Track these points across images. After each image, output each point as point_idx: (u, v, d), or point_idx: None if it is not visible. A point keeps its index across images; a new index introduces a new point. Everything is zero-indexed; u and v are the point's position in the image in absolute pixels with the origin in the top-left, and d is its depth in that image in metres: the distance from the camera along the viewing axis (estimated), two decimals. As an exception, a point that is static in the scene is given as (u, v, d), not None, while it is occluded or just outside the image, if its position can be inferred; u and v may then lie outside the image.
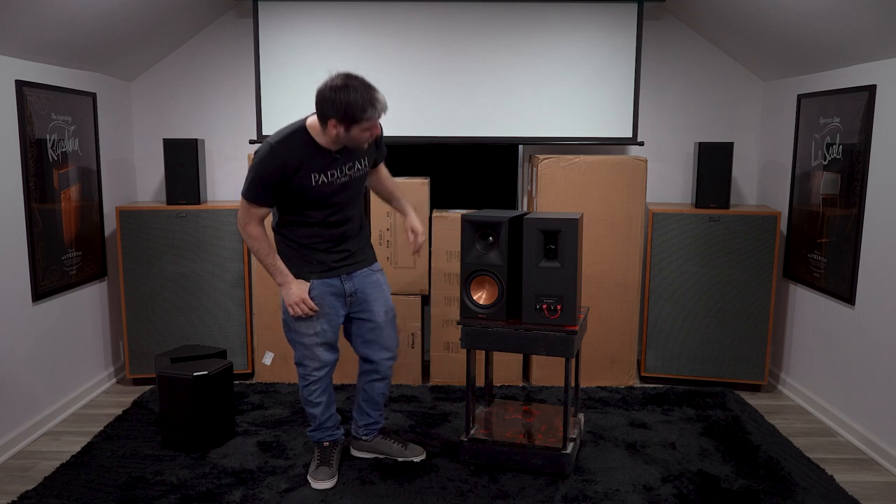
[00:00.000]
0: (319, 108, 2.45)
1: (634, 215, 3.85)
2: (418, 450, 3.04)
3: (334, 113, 2.41)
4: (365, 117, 2.42)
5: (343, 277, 2.74)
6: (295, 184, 2.54)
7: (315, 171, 2.55)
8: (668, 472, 2.93)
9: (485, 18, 3.99)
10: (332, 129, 2.45)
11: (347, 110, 2.39)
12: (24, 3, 2.83)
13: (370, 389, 2.94)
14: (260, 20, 3.97)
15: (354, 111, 2.40)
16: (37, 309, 3.32)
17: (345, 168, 2.62)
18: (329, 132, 2.47)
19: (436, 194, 4.41)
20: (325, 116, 2.44)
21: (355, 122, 2.43)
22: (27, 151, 3.20)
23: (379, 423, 3.03)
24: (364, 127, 2.46)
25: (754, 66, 4.20)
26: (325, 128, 2.48)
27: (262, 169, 2.51)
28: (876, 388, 3.17)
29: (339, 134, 2.45)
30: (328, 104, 2.41)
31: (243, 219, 2.61)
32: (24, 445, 3.20)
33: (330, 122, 2.43)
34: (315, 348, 2.75)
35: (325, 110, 2.43)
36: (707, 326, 3.91)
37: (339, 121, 2.42)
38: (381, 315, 2.83)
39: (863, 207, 3.25)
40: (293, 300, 2.65)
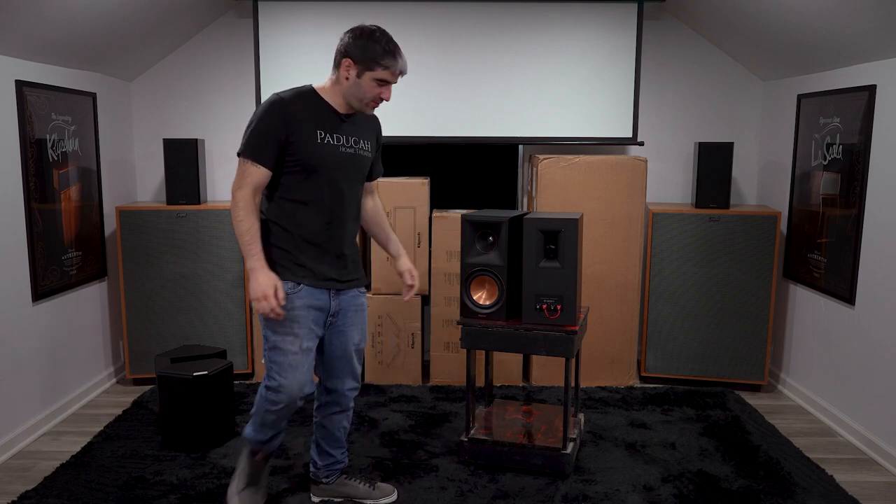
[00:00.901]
0: (339, 49, 2.31)
1: (634, 215, 3.85)
2: (388, 489, 2.71)
3: (353, 51, 2.26)
4: (383, 64, 2.27)
5: (332, 293, 2.43)
6: (299, 139, 2.28)
7: (321, 128, 2.32)
8: (668, 472, 2.93)
9: (485, 18, 3.99)
10: (344, 70, 2.29)
11: (367, 51, 2.26)
12: (24, 3, 2.83)
13: (330, 424, 2.60)
14: (260, 20, 3.97)
15: (375, 54, 2.26)
16: (37, 309, 3.32)
17: (350, 139, 2.40)
18: (341, 75, 2.30)
19: (436, 194, 4.41)
20: (342, 56, 2.29)
21: (370, 68, 2.27)
22: (27, 151, 3.20)
23: (342, 463, 2.68)
24: (378, 76, 2.29)
25: (754, 66, 4.20)
26: (336, 71, 2.32)
27: (267, 117, 2.27)
28: (876, 388, 3.17)
29: (349, 79, 2.29)
30: (349, 42, 2.27)
31: (237, 183, 2.29)
32: (24, 445, 3.20)
33: (345, 62, 2.28)
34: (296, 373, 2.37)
35: (343, 49, 2.29)
36: (707, 326, 3.92)
37: (356, 62, 2.27)
38: (355, 343, 2.55)
39: (863, 207, 3.25)
40: (260, 292, 2.23)
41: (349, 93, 2.33)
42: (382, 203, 3.94)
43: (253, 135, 2.27)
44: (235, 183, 2.29)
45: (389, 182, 3.88)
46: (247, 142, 2.28)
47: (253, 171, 2.28)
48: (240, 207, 2.27)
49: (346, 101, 2.36)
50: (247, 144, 2.28)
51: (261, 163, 2.27)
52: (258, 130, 2.27)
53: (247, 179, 2.28)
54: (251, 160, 2.28)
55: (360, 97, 2.34)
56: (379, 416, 3.49)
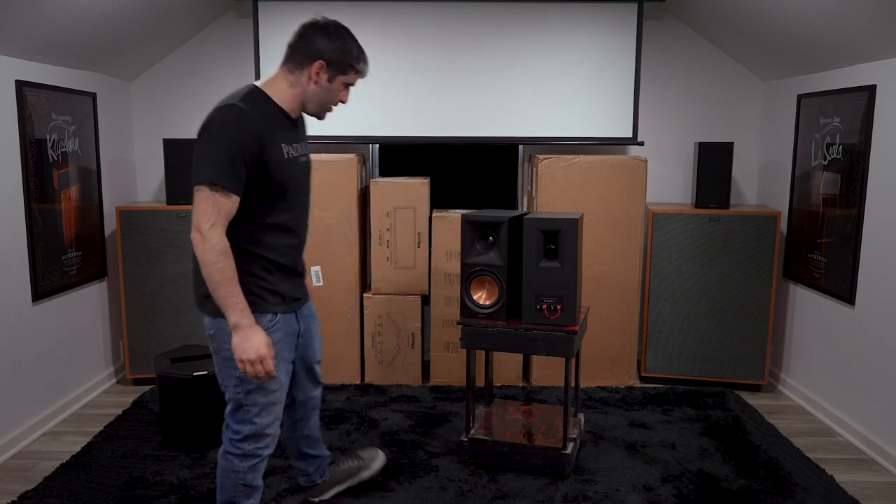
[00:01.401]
0: (304, 47, 2.04)
1: (634, 215, 3.85)
2: (373, 452, 2.73)
3: (328, 53, 2.03)
4: (357, 68, 2.09)
5: (298, 313, 2.23)
6: (271, 158, 1.99)
7: (284, 142, 2.06)
8: (668, 472, 2.93)
9: (485, 18, 3.99)
10: (313, 73, 2.04)
11: (345, 53, 2.05)
12: (24, 3, 2.83)
13: (306, 428, 2.50)
14: (260, 20, 3.97)
15: (351, 57, 2.06)
16: (37, 309, 3.32)
17: (301, 146, 2.18)
18: (306, 77, 2.05)
19: (436, 194, 4.41)
20: (311, 57, 2.03)
21: (345, 71, 2.07)
22: (27, 151, 3.20)
23: (327, 455, 2.64)
24: (349, 80, 2.10)
25: (754, 66, 4.20)
26: (299, 73, 2.06)
27: (235, 134, 1.90)
28: (876, 388, 3.17)
29: (318, 82, 2.06)
30: (322, 42, 2.03)
31: (206, 221, 1.89)
32: (24, 445, 3.20)
33: (315, 64, 2.03)
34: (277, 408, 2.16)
35: (313, 49, 2.03)
36: (707, 326, 3.91)
37: (330, 64, 2.04)
38: (319, 355, 2.45)
39: (863, 207, 3.25)
40: (255, 354, 1.94)
41: (313, 96, 2.09)
42: (383, 203, 3.96)
43: (220, 156, 1.88)
44: (203, 219, 1.90)
45: (389, 182, 3.88)
46: (214, 169, 1.88)
47: (225, 203, 1.92)
48: (217, 251, 1.91)
49: (301, 105, 2.12)
50: (215, 172, 1.88)
51: (234, 191, 1.93)
52: (225, 150, 1.89)
53: (220, 213, 1.91)
54: (223, 189, 1.90)
55: (324, 102, 2.12)
56: (379, 416, 3.49)
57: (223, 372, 2.09)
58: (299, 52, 2.06)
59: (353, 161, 3.84)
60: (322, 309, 3.94)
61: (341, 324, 3.96)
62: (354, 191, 3.86)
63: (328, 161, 3.83)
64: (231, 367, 2.04)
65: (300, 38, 2.06)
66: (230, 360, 2.02)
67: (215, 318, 2.05)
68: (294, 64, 2.06)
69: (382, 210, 3.89)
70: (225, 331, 2.01)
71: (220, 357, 2.08)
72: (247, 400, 2.08)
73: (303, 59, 2.05)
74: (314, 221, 3.88)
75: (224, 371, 2.08)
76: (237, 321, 1.95)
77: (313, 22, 2.07)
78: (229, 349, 2.01)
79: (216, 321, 2.04)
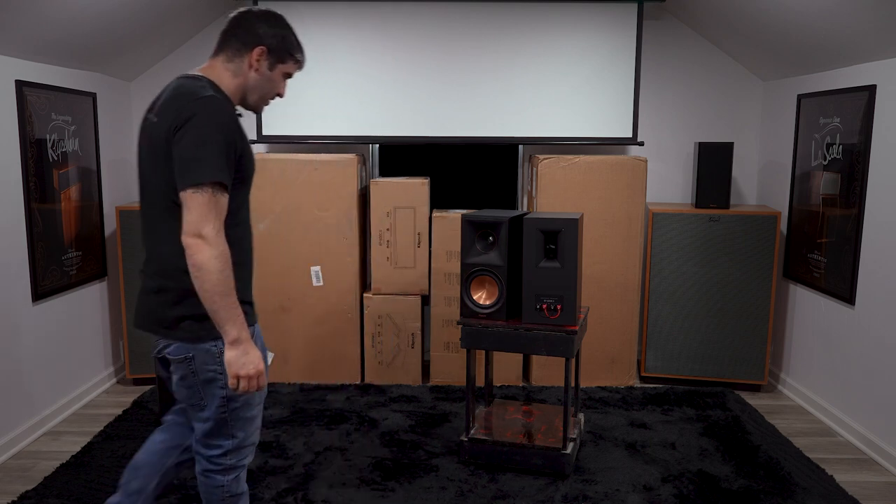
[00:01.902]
0: (242, 33, 1.92)
1: (634, 215, 3.85)
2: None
3: (269, 39, 1.92)
4: (296, 57, 2.00)
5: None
6: (246, 151, 1.89)
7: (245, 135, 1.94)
8: (668, 472, 2.93)
9: (485, 18, 3.99)
10: (253, 59, 1.92)
11: (285, 40, 1.96)
12: (24, 3, 2.83)
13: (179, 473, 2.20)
14: (260, 20, 3.96)
15: (291, 45, 1.97)
16: (37, 309, 3.32)
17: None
18: (247, 65, 1.93)
19: (436, 194, 4.41)
20: (250, 44, 1.91)
21: (284, 60, 1.97)
22: (27, 151, 3.20)
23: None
24: (288, 70, 2.00)
25: (754, 66, 4.20)
26: (239, 61, 1.92)
27: (226, 129, 1.79)
28: (876, 388, 3.17)
29: (259, 70, 1.94)
30: (261, 27, 1.92)
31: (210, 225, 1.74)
32: (24, 445, 3.20)
33: (256, 50, 1.91)
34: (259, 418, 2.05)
35: (253, 35, 1.92)
36: (707, 326, 3.91)
37: (271, 50, 1.93)
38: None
39: (863, 207, 3.25)
40: (254, 369, 1.82)
41: (254, 86, 1.96)
42: (383, 203, 3.96)
43: (218, 153, 1.75)
44: (206, 223, 1.73)
45: (389, 182, 3.88)
46: (215, 164, 1.75)
47: (223, 203, 1.78)
48: (225, 258, 1.75)
49: (242, 96, 1.98)
50: (217, 168, 1.75)
51: (228, 191, 1.81)
52: (223, 146, 1.77)
53: (221, 216, 1.78)
54: (223, 188, 1.78)
55: (264, 93, 2.00)
56: (379, 416, 3.49)
57: (202, 393, 1.90)
58: (237, 39, 1.93)
59: (353, 161, 3.84)
60: (322, 309, 3.95)
61: (341, 324, 3.96)
62: (354, 191, 3.86)
63: (328, 161, 3.83)
64: (216, 388, 1.89)
65: (238, 25, 1.94)
66: (214, 380, 1.88)
67: (198, 343, 1.86)
68: (233, 51, 1.93)
69: (382, 210, 3.89)
70: (210, 353, 1.86)
71: (197, 380, 1.88)
72: (231, 416, 1.94)
73: (241, 45, 1.92)
74: (314, 221, 3.88)
75: (204, 393, 1.90)
76: (238, 335, 1.79)
77: (249, 9, 1.97)
78: (215, 369, 1.87)
79: (198, 345, 1.86)
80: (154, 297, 1.89)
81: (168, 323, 1.87)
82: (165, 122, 1.80)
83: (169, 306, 1.86)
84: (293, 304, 3.93)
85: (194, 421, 1.97)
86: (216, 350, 1.86)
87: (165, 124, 1.79)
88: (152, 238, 1.90)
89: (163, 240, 1.85)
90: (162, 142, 1.80)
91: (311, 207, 3.87)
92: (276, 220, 3.88)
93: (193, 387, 1.90)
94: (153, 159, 1.84)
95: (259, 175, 3.84)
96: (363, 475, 2.88)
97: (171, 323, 1.86)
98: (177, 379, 1.92)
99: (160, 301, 1.87)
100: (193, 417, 1.97)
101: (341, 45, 3.99)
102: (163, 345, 1.91)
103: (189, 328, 1.85)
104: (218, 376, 1.87)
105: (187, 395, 1.93)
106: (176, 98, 1.83)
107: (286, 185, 3.85)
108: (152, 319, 1.90)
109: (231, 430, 1.96)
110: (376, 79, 4.02)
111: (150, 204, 1.89)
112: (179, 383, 1.92)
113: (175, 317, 1.86)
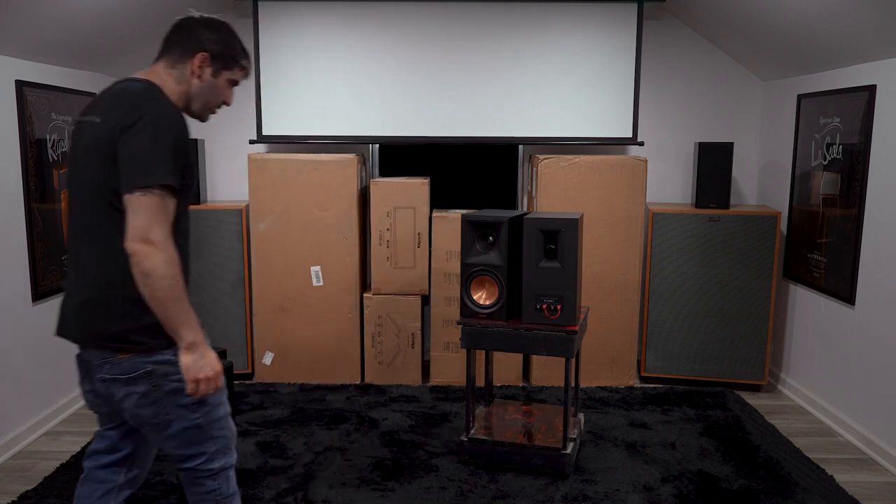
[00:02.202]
0: (184, 39, 1.86)
1: (634, 215, 3.85)
2: None
3: (212, 45, 1.86)
4: (241, 63, 1.94)
5: None
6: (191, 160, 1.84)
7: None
8: (668, 472, 2.93)
9: (485, 18, 3.99)
10: (195, 66, 1.86)
11: (228, 46, 1.90)
12: (24, 3, 2.83)
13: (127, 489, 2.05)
14: (260, 20, 3.97)
15: (235, 51, 1.91)
16: (37, 309, 3.32)
17: None
18: (190, 72, 1.86)
19: (436, 194, 4.41)
20: (192, 50, 1.86)
21: (229, 67, 1.91)
22: (27, 151, 3.20)
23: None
24: (234, 77, 1.94)
25: (754, 66, 4.20)
26: (182, 67, 1.86)
27: (178, 131, 1.73)
28: (876, 388, 3.17)
29: (202, 77, 1.88)
30: (204, 33, 1.86)
31: (159, 230, 1.67)
32: (24, 445, 3.20)
33: (198, 57, 1.85)
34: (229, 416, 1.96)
35: (195, 40, 1.86)
36: (707, 326, 3.91)
37: (214, 57, 1.87)
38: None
39: (863, 207, 3.25)
40: (212, 370, 1.77)
41: (197, 94, 1.90)
42: (383, 203, 3.96)
43: (167, 157, 1.68)
44: (155, 227, 1.66)
45: (389, 182, 3.88)
46: (164, 166, 1.67)
47: (171, 207, 1.71)
48: (175, 263, 1.69)
49: (185, 104, 1.91)
50: (164, 171, 1.67)
51: (176, 195, 1.74)
52: (172, 148, 1.70)
53: (169, 220, 1.71)
54: (172, 192, 1.71)
55: (209, 101, 1.93)
56: (379, 416, 3.49)
57: (168, 408, 1.80)
58: (179, 46, 1.86)
59: (353, 161, 3.84)
60: (322, 309, 3.95)
61: (341, 324, 3.96)
62: (354, 191, 3.86)
63: (328, 161, 3.84)
64: (182, 397, 1.80)
65: (180, 30, 1.88)
66: (180, 389, 1.79)
67: (154, 354, 1.76)
68: (175, 58, 1.86)
69: (382, 210, 3.89)
70: (169, 362, 1.77)
71: (160, 392, 1.78)
72: (207, 420, 1.86)
73: (183, 52, 1.86)
74: (314, 221, 3.88)
75: (170, 405, 1.80)
76: (194, 338, 1.74)
77: (190, 15, 1.91)
78: (178, 378, 1.78)
79: (153, 357, 1.77)
80: (91, 311, 1.77)
81: (113, 337, 1.75)
82: (110, 122, 1.71)
83: (112, 319, 1.75)
84: (293, 304, 3.94)
85: (160, 441, 1.86)
86: (174, 358, 1.77)
87: (110, 124, 1.71)
88: (86, 246, 1.79)
89: (101, 248, 1.75)
90: (105, 143, 1.70)
91: (311, 207, 3.87)
92: (276, 220, 3.88)
93: (158, 402, 1.78)
94: (91, 162, 1.74)
95: (259, 175, 3.86)
96: (363, 475, 2.88)
97: (116, 337, 1.75)
98: (137, 399, 1.78)
99: (100, 314, 1.76)
100: (157, 439, 1.85)
101: (341, 45, 3.99)
102: (106, 365, 1.77)
103: (139, 340, 1.75)
104: (182, 385, 1.78)
105: (152, 413, 1.79)
106: (124, 99, 1.75)
107: (286, 185, 3.85)
108: (91, 335, 1.77)
109: (210, 433, 1.88)
110: (376, 79, 4.02)
111: (85, 210, 1.77)
112: (140, 402, 1.78)
113: (121, 330, 1.74)
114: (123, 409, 1.82)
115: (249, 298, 3.99)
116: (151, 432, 1.85)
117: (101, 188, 1.73)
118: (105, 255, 1.75)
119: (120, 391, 1.79)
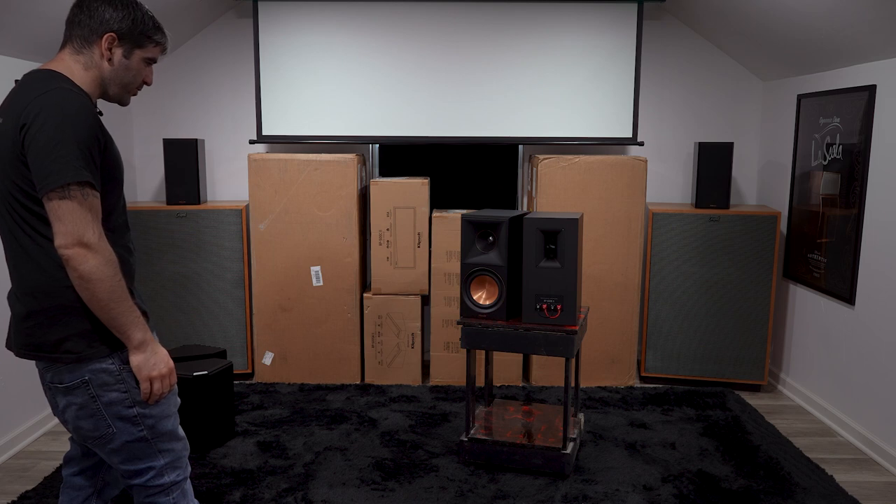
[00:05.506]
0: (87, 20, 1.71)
1: (634, 215, 3.85)
2: None
3: (116, 24, 1.70)
4: (155, 39, 1.78)
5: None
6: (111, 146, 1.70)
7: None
8: (668, 472, 2.93)
9: (485, 18, 4.00)
10: (103, 48, 1.71)
11: (137, 23, 1.73)
12: (24, 3, 2.83)
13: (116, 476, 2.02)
14: (260, 20, 3.97)
15: (144, 26, 1.74)
16: (37, 309, 3.32)
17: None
18: (97, 56, 1.71)
19: (436, 194, 4.42)
20: (98, 31, 1.70)
21: (141, 44, 1.75)
22: (27, 151, 3.19)
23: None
24: (149, 55, 1.78)
25: (754, 66, 4.20)
26: (89, 51, 1.71)
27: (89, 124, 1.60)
28: (876, 388, 3.17)
29: (113, 60, 1.73)
30: (107, 11, 1.70)
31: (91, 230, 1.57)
32: (24, 445, 3.20)
33: (106, 38, 1.70)
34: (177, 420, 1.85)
35: (98, 21, 1.70)
36: (707, 326, 3.92)
37: (122, 37, 1.71)
38: None
39: (863, 207, 3.25)
40: (165, 367, 1.71)
41: (112, 77, 1.75)
42: (383, 203, 3.97)
43: (74, 151, 1.55)
44: (86, 229, 1.56)
45: (389, 182, 3.88)
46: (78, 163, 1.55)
47: (96, 203, 1.60)
48: (113, 262, 1.61)
49: (101, 89, 1.76)
50: (74, 166, 1.55)
51: (97, 189, 1.62)
52: (84, 143, 1.58)
53: (97, 218, 1.61)
54: (93, 188, 1.59)
55: (127, 82, 1.78)
56: (379, 416, 3.49)
57: (108, 420, 1.70)
58: (82, 27, 1.71)
59: (353, 161, 3.85)
60: (322, 309, 3.95)
61: (341, 324, 3.96)
62: (354, 191, 3.86)
63: (328, 161, 3.84)
64: (122, 408, 1.70)
65: (80, 11, 1.72)
66: (119, 400, 1.69)
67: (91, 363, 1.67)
68: (80, 42, 1.71)
69: (382, 210, 3.89)
70: (107, 371, 1.68)
71: (101, 403, 1.68)
72: (152, 433, 1.75)
73: (89, 34, 1.71)
74: (314, 221, 3.88)
75: (111, 418, 1.70)
76: (143, 337, 1.67)
77: None
78: (117, 388, 1.69)
79: (91, 366, 1.67)
80: (28, 322, 1.68)
81: (49, 347, 1.66)
82: (10, 121, 1.60)
83: (47, 328, 1.66)
84: (293, 304, 3.94)
85: (105, 456, 1.77)
86: (114, 367, 1.68)
87: (10, 124, 1.60)
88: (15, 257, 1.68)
89: (28, 257, 1.65)
90: (9, 144, 1.60)
91: (311, 207, 3.87)
92: (276, 220, 3.88)
93: (97, 414, 1.69)
94: (2, 166, 1.63)
95: (259, 175, 3.86)
96: (363, 475, 2.88)
97: (52, 347, 1.66)
98: (75, 410, 1.69)
99: (36, 324, 1.66)
100: (102, 452, 1.76)
101: (341, 45, 3.99)
102: (48, 373, 1.70)
103: (74, 349, 1.65)
104: (122, 395, 1.69)
105: (92, 425, 1.70)
106: (21, 94, 1.63)
107: (286, 185, 3.85)
108: (31, 346, 1.69)
109: (158, 446, 1.77)
110: (376, 79, 4.02)
111: (4, 218, 1.67)
112: (79, 414, 1.69)
113: (56, 339, 1.66)
114: (66, 421, 1.74)
115: (249, 298, 3.99)
116: (95, 446, 1.75)
117: (17, 194, 1.62)
118: (32, 264, 1.65)
119: (61, 401, 1.71)
